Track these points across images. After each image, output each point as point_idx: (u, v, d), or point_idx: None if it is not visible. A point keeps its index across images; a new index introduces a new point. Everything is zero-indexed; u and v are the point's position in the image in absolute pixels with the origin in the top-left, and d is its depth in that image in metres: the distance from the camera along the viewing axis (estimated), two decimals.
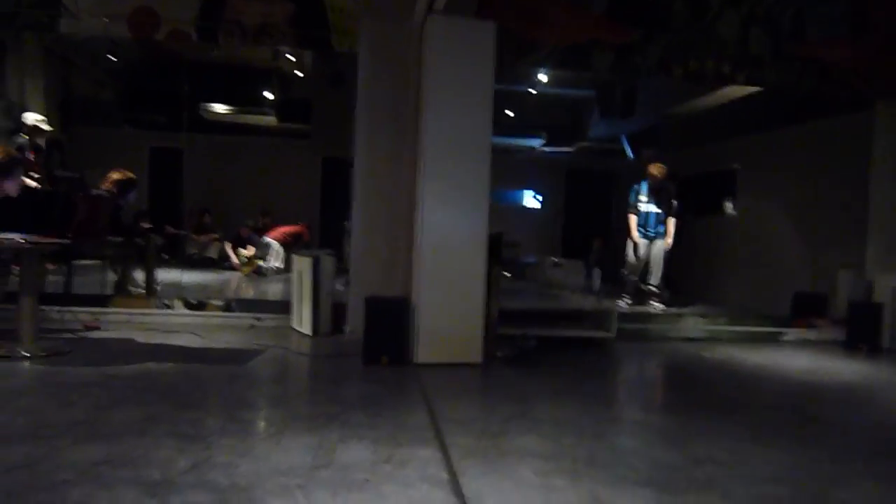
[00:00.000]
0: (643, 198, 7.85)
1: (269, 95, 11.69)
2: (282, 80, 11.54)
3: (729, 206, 9.69)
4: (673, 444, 3.26)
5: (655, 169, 7.82)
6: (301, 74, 11.13)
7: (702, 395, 4.54)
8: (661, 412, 4.22)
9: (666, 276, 7.92)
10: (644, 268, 7.91)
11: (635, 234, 7.87)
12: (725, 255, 9.48)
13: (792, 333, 6.71)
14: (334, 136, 8.69)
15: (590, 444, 3.14)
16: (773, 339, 6.64)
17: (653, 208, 7.84)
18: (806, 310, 7.07)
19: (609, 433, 3.35)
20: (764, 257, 8.72)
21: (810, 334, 6.72)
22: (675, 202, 7.79)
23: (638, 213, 7.89)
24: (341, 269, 6.39)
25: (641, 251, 7.89)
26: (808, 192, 8.03)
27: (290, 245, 10.12)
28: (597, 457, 2.96)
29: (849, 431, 3.80)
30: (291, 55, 10.00)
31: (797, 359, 5.79)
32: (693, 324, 6.67)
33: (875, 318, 6.34)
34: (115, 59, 10.37)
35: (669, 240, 7.75)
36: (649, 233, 7.87)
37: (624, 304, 7.80)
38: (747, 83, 6.61)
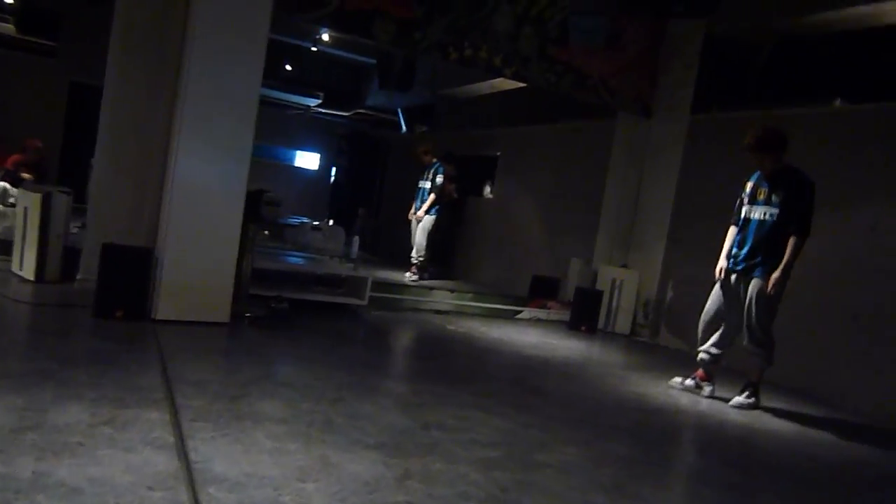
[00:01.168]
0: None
1: None
2: None
3: (487, 190, 10.34)
4: (407, 411, 3.43)
5: (420, 147, 8.49)
6: None
7: (441, 365, 4.82)
8: (402, 380, 4.42)
9: (431, 250, 8.30)
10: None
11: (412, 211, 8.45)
12: (482, 235, 10.12)
13: (527, 312, 7.37)
14: (87, 59, 7.70)
15: (327, 409, 3.19)
16: (510, 316, 7.25)
17: (424, 185, 8.32)
18: (541, 291, 7.82)
19: (348, 399, 3.42)
20: (512, 240, 9.46)
21: (542, 314, 7.44)
22: (438, 179, 8.18)
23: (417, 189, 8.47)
24: (81, 211, 5.76)
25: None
26: (555, 184, 8.84)
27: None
28: (333, 421, 3.01)
29: (560, 403, 4.29)
30: None
31: (528, 335, 6.38)
32: (442, 297, 7.04)
33: (595, 303, 7.19)
34: None
35: (420, 213, 8.26)
36: (416, 208, 8.37)
37: (409, 277, 8.24)
38: (515, 78, 7.05)
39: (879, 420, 4.92)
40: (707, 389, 4.82)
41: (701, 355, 4.90)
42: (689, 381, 4.90)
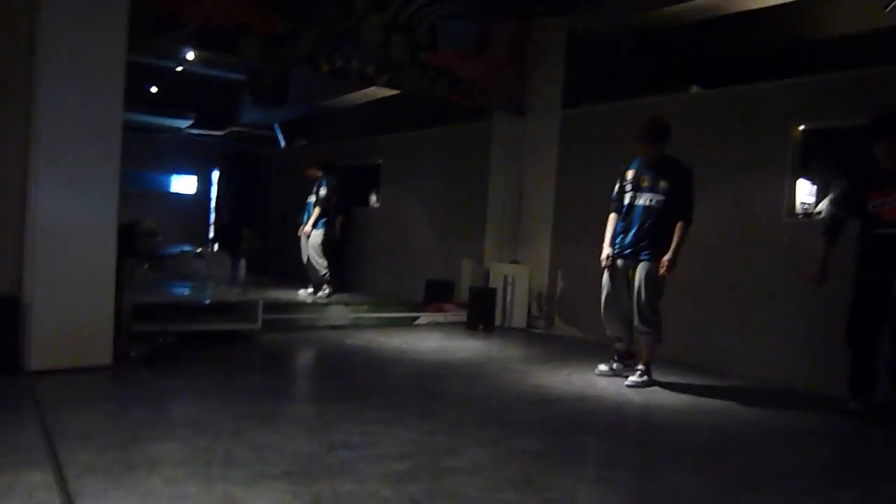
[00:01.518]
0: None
1: None
2: None
3: (373, 198, 10.30)
4: (311, 434, 3.35)
5: (303, 163, 8.54)
6: None
7: (343, 382, 4.76)
8: (304, 402, 4.33)
9: (328, 265, 8.21)
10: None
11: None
12: (371, 245, 10.07)
13: (425, 317, 7.40)
14: None
15: (227, 443, 3.07)
16: (409, 323, 7.25)
17: (311, 199, 8.33)
18: (436, 295, 7.87)
19: (248, 429, 3.31)
20: (402, 247, 9.47)
21: (440, 317, 7.49)
22: (322, 191, 8.16)
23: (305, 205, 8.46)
24: None
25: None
26: (440, 188, 8.93)
27: None
28: (234, 455, 2.91)
29: (464, 405, 4.33)
30: None
31: (428, 340, 6.40)
32: (338, 312, 6.94)
33: (490, 301, 7.32)
34: None
35: (307, 228, 8.23)
36: (303, 222, 8.33)
37: (305, 293, 8.26)
38: (388, 86, 7.07)
39: (761, 382, 5.28)
40: (634, 364, 5.00)
41: (616, 344, 5.14)
42: (615, 366, 5.09)
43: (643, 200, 4.84)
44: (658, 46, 7.67)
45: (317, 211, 8.11)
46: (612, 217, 5.07)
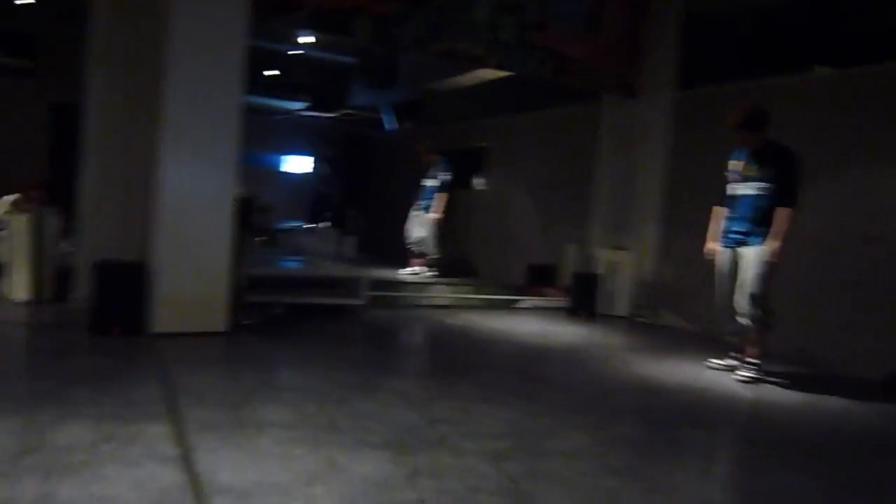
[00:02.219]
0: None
1: None
2: (3, 9, 9.89)
3: (478, 182, 10.30)
4: (412, 407, 3.40)
5: (419, 146, 8.33)
6: (23, 1, 9.62)
7: (444, 359, 4.81)
8: (406, 376, 4.40)
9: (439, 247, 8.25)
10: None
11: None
12: (474, 227, 10.09)
13: (526, 301, 7.35)
14: (66, 79, 7.64)
15: (332, 411, 3.17)
16: (509, 306, 7.23)
17: (428, 182, 8.21)
18: (539, 279, 7.80)
19: (352, 399, 3.40)
20: (506, 230, 9.43)
21: (541, 302, 7.42)
22: (442, 176, 8.11)
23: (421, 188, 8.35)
24: (72, 230, 5.72)
25: (408, 221, 8.34)
26: (545, 172, 8.82)
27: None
28: (338, 423, 2.99)
29: (565, 389, 4.27)
30: None
31: (528, 324, 6.36)
32: (440, 292, 7.01)
33: (592, 287, 7.18)
34: None
35: (432, 214, 8.09)
36: (421, 205, 8.25)
37: (408, 273, 8.16)
38: (497, 67, 7.02)
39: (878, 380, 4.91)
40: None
41: (732, 338, 4.94)
42: (730, 361, 4.89)
43: (749, 189, 4.70)
44: (782, 24, 7.21)
45: (444, 196, 8.12)
46: (716, 210, 4.94)
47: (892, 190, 5.18)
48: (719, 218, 4.92)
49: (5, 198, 8.22)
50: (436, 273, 8.12)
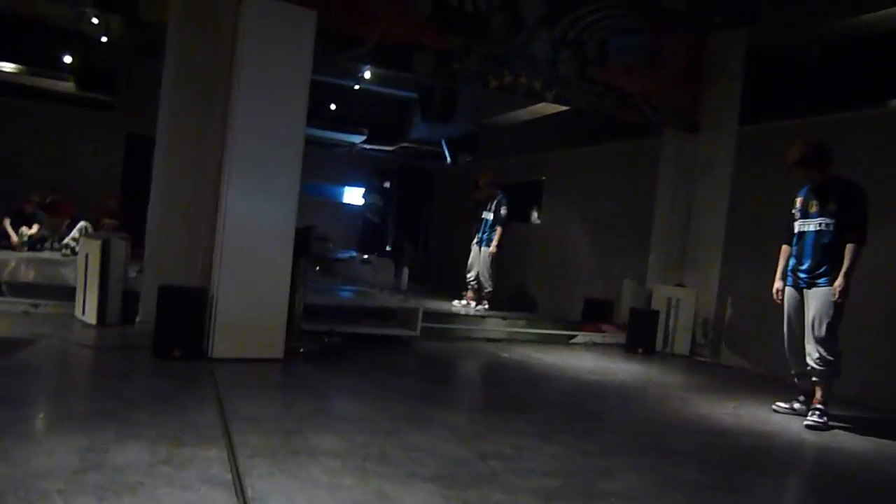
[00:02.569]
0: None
1: (67, 59, 10.57)
2: (84, 44, 10.47)
3: (534, 215, 10.28)
4: (463, 441, 3.37)
5: (481, 178, 8.30)
6: (106, 40, 10.17)
7: (496, 393, 4.76)
8: (457, 409, 4.36)
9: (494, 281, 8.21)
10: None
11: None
12: (530, 261, 10.04)
13: (582, 336, 7.24)
14: (142, 111, 8.02)
15: (382, 442, 3.16)
16: (565, 341, 7.13)
17: (487, 216, 8.19)
18: (595, 314, 7.68)
19: (403, 430, 3.39)
20: (562, 264, 9.35)
21: (597, 337, 7.29)
22: (502, 211, 8.09)
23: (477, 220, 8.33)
24: (140, 256, 5.94)
25: (471, 257, 8.31)
26: (604, 206, 8.73)
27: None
28: (388, 454, 2.98)
29: (620, 428, 4.17)
30: (96, 17, 9.11)
31: (584, 360, 6.25)
32: (495, 325, 6.97)
33: (651, 324, 7.02)
34: None
35: (491, 248, 8.07)
36: (480, 238, 8.23)
37: (460, 304, 8.19)
38: (556, 101, 7.03)
39: None
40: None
41: (799, 381, 4.76)
42: (797, 405, 4.72)
43: (813, 226, 4.56)
44: (849, 58, 7.03)
45: (500, 231, 8.11)
46: (785, 249, 4.82)
47: None
48: (786, 257, 4.78)
49: (80, 223, 8.63)
50: (489, 307, 8.09)
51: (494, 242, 8.04)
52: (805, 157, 4.54)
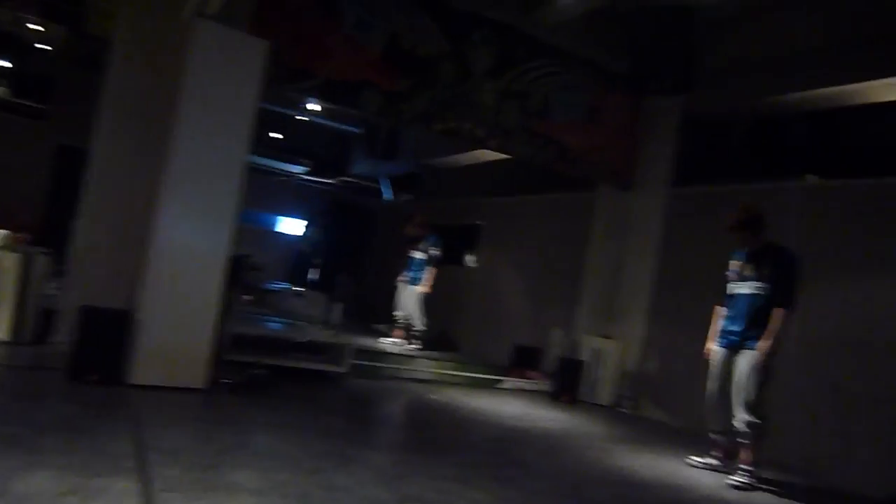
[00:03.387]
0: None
1: (3, 63, 10.21)
2: (22, 50, 10.14)
3: (469, 259, 10.38)
4: (386, 483, 3.34)
5: (415, 217, 8.46)
6: (47, 48, 9.87)
7: (421, 435, 4.74)
8: (381, 450, 4.32)
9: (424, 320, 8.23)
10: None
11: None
12: (462, 304, 10.10)
13: (509, 382, 7.30)
14: (76, 123, 7.79)
15: (304, 480, 3.11)
16: (492, 386, 7.17)
17: (417, 255, 8.27)
18: (523, 361, 7.77)
19: (326, 469, 3.34)
20: (494, 309, 9.45)
21: (524, 384, 7.37)
22: (432, 251, 8.17)
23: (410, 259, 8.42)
24: (62, 272, 5.70)
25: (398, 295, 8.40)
26: (537, 255, 8.91)
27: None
28: (309, 494, 2.93)
29: (542, 476, 4.21)
30: (37, 24, 8.85)
31: (510, 405, 6.30)
32: (423, 365, 6.97)
33: (576, 372, 7.15)
34: None
35: (421, 287, 8.11)
36: (409, 277, 8.31)
37: (389, 343, 8.20)
38: (497, 149, 7.20)
39: (871, 489, 4.86)
40: (734, 467, 4.73)
41: (716, 437, 4.89)
42: (712, 461, 4.85)
43: (747, 289, 4.75)
44: (775, 132, 7.48)
45: (433, 270, 8.16)
46: (718, 309, 4.98)
47: (881, 298, 5.26)
48: (719, 317, 4.94)
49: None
50: (419, 346, 8.09)
51: (428, 281, 8.09)
52: (740, 222, 4.73)
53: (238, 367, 5.06)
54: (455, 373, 7.09)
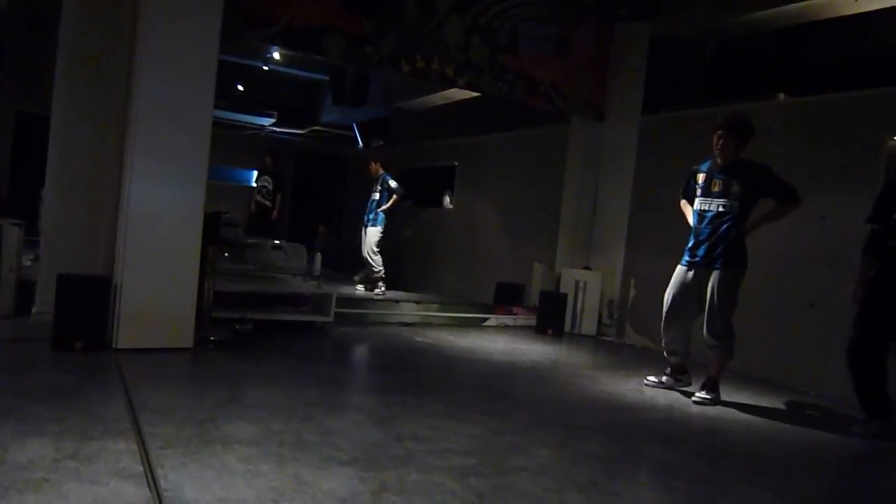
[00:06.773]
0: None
1: None
2: None
3: (447, 200, 10.38)
4: (379, 424, 3.41)
5: (371, 161, 8.74)
6: None
7: (410, 377, 4.81)
8: (373, 393, 4.39)
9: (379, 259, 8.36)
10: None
11: None
12: (442, 245, 10.14)
13: (493, 319, 7.40)
14: (33, 89, 7.56)
15: (298, 428, 3.16)
16: (477, 324, 7.26)
17: (373, 196, 8.49)
18: (506, 298, 7.86)
19: (319, 416, 3.39)
20: (474, 249, 9.50)
21: (509, 320, 7.47)
22: (392, 183, 8.35)
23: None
24: (34, 243, 5.62)
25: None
26: (515, 191, 8.92)
27: None
28: (304, 440, 2.99)
29: (531, 407, 4.32)
30: None
31: (496, 342, 6.40)
32: (408, 309, 7.03)
33: (560, 306, 7.26)
34: None
35: (374, 229, 8.37)
36: (367, 219, 8.49)
37: (362, 290, 8.38)
38: (468, 88, 7.11)
39: (843, 403, 5.04)
40: (685, 381, 4.88)
41: (671, 357, 4.96)
42: (664, 378, 4.95)
43: (714, 206, 4.65)
44: (744, 52, 7.45)
45: (395, 198, 8.27)
46: (685, 204, 4.95)
47: (857, 216, 5.33)
48: (689, 211, 4.89)
49: None
50: (382, 291, 8.15)
51: (387, 206, 8.27)
52: (729, 123, 4.58)
53: (223, 323, 5.07)
54: (440, 314, 7.17)
